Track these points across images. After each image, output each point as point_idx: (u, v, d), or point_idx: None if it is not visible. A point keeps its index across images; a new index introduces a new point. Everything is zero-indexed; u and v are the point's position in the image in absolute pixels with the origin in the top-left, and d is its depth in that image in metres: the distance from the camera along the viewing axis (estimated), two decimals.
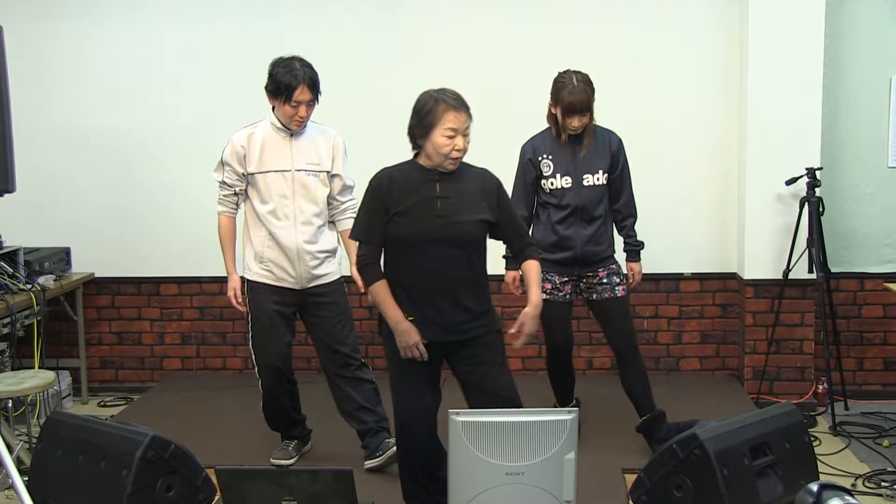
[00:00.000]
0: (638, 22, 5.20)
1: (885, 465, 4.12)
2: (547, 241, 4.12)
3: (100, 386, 5.58)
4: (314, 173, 4.00)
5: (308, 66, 3.92)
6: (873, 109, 5.09)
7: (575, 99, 3.96)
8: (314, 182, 4.00)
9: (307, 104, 3.91)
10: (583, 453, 3.07)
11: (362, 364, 4.15)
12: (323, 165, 4.02)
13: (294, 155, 3.98)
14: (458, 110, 3.17)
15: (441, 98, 3.19)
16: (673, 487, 3.12)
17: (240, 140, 4.00)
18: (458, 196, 3.22)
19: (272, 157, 3.97)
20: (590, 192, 4.08)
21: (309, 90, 3.89)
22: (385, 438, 4.05)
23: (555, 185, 4.08)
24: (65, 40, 5.40)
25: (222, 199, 4.09)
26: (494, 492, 2.91)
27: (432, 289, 3.23)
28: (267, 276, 4.03)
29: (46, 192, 5.43)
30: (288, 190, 3.97)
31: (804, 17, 4.86)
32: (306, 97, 3.89)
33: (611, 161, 4.10)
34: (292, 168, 3.97)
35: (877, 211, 5.16)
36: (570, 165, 4.07)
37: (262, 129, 4.01)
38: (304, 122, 3.96)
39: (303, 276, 4.03)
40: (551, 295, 4.15)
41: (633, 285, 4.27)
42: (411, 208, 3.20)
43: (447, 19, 5.28)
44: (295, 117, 3.91)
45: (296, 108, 3.89)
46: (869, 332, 5.21)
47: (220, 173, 4.06)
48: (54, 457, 3.31)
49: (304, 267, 4.01)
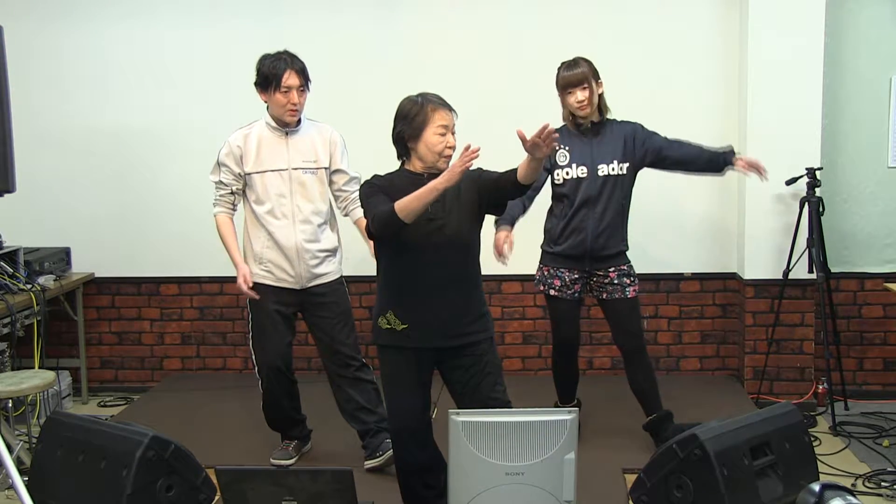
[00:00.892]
0: (638, 22, 5.20)
1: (885, 465, 4.12)
2: (558, 230, 4.12)
3: (100, 386, 5.59)
4: (311, 171, 3.99)
5: (294, 55, 3.94)
6: (873, 109, 5.09)
7: (569, 72, 4.04)
8: (311, 180, 4.00)
9: (297, 90, 3.90)
10: (583, 453, 3.08)
11: (363, 365, 4.15)
12: (320, 162, 4.01)
13: (290, 153, 3.98)
14: (445, 109, 3.23)
15: (426, 99, 3.24)
16: (673, 487, 3.13)
17: (236, 140, 4.00)
18: (448, 199, 3.23)
19: (269, 156, 3.97)
20: (605, 182, 4.07)
21: (297, 75, 3.89)
22: (385, 439, 4.04)
23: (570, 174, 4.07)
24: (65, 40, 5.40)
25: (218, 199, 4.08)
26: (494, 492, 2.91)
27: (427, 293, 3.23)
28: (267, 277, 4.03)
29: (46, 192, 5.43)
30: (286, 189, 3.97)
31: (804, 17, 4.86)
32: (295, 82, 3.88)
33: (625, 145, 4.09)
34: (289, 167, 3.97)
35: (877, 211, 5.16)
36: (586, 156, 4.07)
37: (258, 129, 4.01)
38: (297, 112, 3.94)
39: (303, 276, 4.03)
40: (560, 292, 4.14)
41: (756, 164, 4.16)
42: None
43: (447, 20, 5.28)
44: (288, 105, 3.90)
45: (287, 95, 3.88)
46: (869, 332, 5.21)
47: (216, 174, 4.06)
48: (54, 457, 3.31)
49: (303, 266, 4.01)
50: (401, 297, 3.27)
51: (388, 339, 3.30)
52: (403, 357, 3.30)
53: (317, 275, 4.06)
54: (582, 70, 4.04)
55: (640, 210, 4.28)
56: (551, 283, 4.16)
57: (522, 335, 5.43)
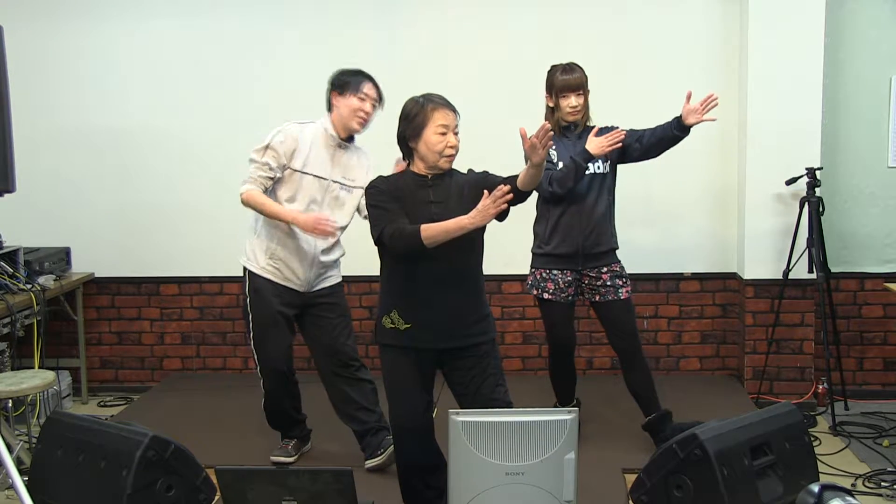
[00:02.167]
0: (637, 22, 5.20)
1: (885, 465, 4.12)
2: (548, 232, 4.13)
3: (100, 386, 5.59)
4: (348, 189, 4.01)
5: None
6: (873, 109, 5.09)
7: (569, 76, 4.05)
8: (345, 196, 4.02)
9: (372, 102, 3.94)
10: (583, 453, 3.07)
11: (362, 365, 4.16)
12: (357, 182, 4.01)
13: (335, 166, 3.99)
14: (446, 108, 3.21)
15: (427, 99, 3.23)
16: (673, 487, 3.13)
17: (293, 132, 3.93)
18: (451, 201, 3.23)
19: (315, 160, 3.95)
20: (591, 180, 4.07)
21: (375, 88, 3.95)
22: (386, 436, 4.05)
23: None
24: (65, 40, 5.40)
25: (255, 178, 3.91)
26: (494, 492, 2.91)
27: (430, 293, 3.23)
28: (273, 274, 4.02)
29: (46, 192, 5.43)
30: (320, 197, 3.96)
31: (804, 17, 4.86)
32: (373, 94, 3.94)
33: None
34: (329, 178, 3.97)
35: (877, 211, 5.16)
36: (571, 155, 4.07)
37: (313, 130, 3.99)
38: (365, 122, 3.96)
39: (311, 281, 4.05)
40: (554, 295, 4.14)
41: (700, 105, 3.95)
42: (406, 213, 3.21)
43: (447, 20, 5.28)
44: (360, 111, 3.92)
45: (363, 101, 3.91)
46: (869, 332, 5.21)
47: (262, 155, 3.91)
48: (54, 457, 3.32)
49: (313, 273, 4.04)
50: (404, 296, 3.27)
51: (390, 339, 3.30)
52: (406, 357, 3.30)
53: (323, 279, 4.09)
54: (579, 75, 4.07)
55: (640, 210, 4.29)
56: (544, 287, 4.16)
57: (522, 335, 5.44)
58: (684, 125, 3.95)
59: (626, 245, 4.30)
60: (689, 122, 3.93)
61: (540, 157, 3.02)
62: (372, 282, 3.47)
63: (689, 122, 3.93)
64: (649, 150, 4.08)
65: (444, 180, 3.26)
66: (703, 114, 3.90)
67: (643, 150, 4.08)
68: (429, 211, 3.21)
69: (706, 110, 3.91)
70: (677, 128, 3.97)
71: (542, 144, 3.00)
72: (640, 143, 4.07)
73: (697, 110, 3.90)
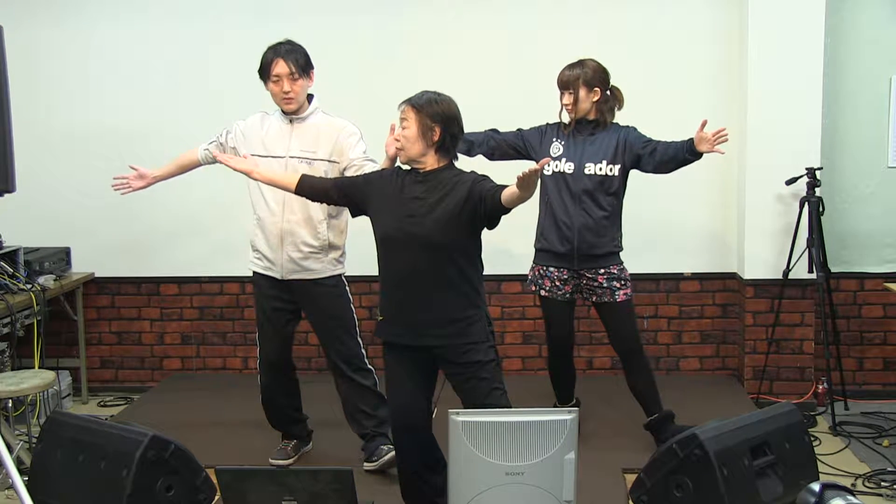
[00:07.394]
0: (637, 22, 5.20)
1: (885, 465, 4.12)
2: (546, 226, 4.15)
3: (100, 386, 5.58)
4: (307, 161, 3.91)
5: (291, 42, 3.93)
6: (873, 109, 5.09)
7: (561, 73, 4.12)
8: (306, 169, 3.87)
9: (288, 78, 3.86)
10: (583, 453, 3.07)
11: (359, 368, 4.09)
12: (319, 154, 3.93)
13: (291, 142, 3.97)
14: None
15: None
16: (673, 487, 3.13)
17: (248, 121, 4.07)
18: (433, 199, 3.23)
19: (273, 142, 3.98)
20: (590, 180, 4.08)
21: (286, 63, 3.85)
22: (381, 444, 4.02)
23: (558, 168, 4.10)
24: (65, 40, 5.40)
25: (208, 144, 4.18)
26: (494, 492, 2.91)
27: (402, 289, 3.27)
28: (255, 263, 4.08)
29: (46, 192, 5.42)
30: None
31: (804, 18, 4.86)
32: (284, 70, 3.85)
33: (616, 148, 4.08)
34: (287, 154, 3.95)
35: (877, 211, 5.16)
36: (576, 153, 4.10)
37: (261, 115, 4.07)
38: (293, 100, 3.90)
39: (284, 266, 3.98)
40: (550, 292, 4.15)
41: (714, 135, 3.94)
42: (387, 206, 3.29)
43: (447, 20, 5.28)
44: (281, 95, 3.90)
45: (277, 84, 3.88)
46: (869, 332, 5.21)
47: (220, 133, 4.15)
48: (54, 457, 3.31)
49: (285, 256, 3.97)
50: (381, 287, 3.35)
51: (382, 333, 3.38)
52: (400, 355, 3.33)
53: (300, 268, 3.98)
54: (572, 73, 4.09)
55: (640, 210, 4.28)
56: (542, 284, 4.17)
57: (522, 335, 5.43)
58: (696, 150, 3.98)
59: (625, 245, 4.29)
60: (701, 150, 3.96)
61: (530, 192, 3.02)
62: (372, 282, 3.47)
63: (701, 150, 3.96)
64: (660, 166, 4.09)
65: (438, 179, 3.27)
66: (713, 145, 3.92)
67: (655, 165, 4.08)
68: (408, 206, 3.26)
69: (717, 142, 3.92)
70: (689, 151, 3.99)
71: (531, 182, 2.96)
72: (652, 158, 4.07)
73: (709, 140, 3.92)
